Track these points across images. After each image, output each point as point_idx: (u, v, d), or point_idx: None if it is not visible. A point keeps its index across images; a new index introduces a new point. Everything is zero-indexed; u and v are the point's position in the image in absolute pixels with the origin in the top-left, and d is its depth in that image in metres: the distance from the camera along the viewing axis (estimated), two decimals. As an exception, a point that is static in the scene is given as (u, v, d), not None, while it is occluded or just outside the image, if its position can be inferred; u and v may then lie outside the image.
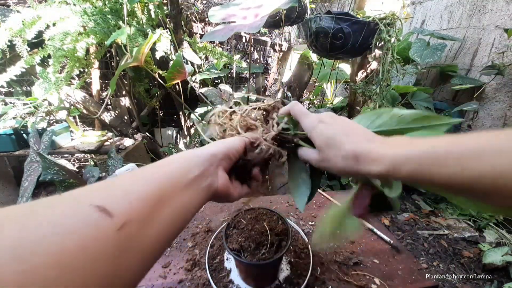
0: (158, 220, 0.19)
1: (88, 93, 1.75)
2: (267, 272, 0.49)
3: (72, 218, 0.15)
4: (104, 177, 0.82)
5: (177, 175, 0.22)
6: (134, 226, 0.17)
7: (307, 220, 0.71)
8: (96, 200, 0.16)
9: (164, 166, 0.23)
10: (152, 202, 0.19)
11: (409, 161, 0.21)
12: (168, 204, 0.20)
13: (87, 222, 0.15)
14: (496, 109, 1.47)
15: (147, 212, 0.18)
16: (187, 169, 0.23)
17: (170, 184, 0.21)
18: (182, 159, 0.25)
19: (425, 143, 0.22)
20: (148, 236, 0.18)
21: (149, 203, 0.19)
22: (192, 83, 1.56)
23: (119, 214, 0.16)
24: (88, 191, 0.18)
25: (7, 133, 1.38)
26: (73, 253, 0.14)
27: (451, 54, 1.72)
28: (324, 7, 2.80)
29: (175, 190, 0.21)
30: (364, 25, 1.05)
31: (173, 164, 0.24)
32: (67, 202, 0.16)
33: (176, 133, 2.18)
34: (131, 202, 0.18)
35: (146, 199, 0.19)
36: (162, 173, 0.22)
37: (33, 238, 0.13)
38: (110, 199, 0.17)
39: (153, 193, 0.19)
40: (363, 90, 1.30)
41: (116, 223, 0.16)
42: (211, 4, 2.19)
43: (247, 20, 1.01)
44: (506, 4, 1.39)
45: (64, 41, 1.19)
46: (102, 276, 0.14)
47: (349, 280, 0.51)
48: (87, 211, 0.16)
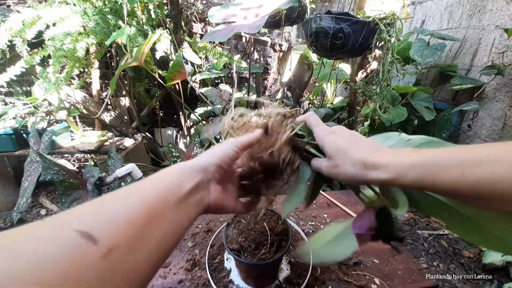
0: (148, 242, 0.18)
1: (88, 93, 1.75)
2: (267, 272, 0.49)
3: (55, 245, 0.14)
4: (104, 177, 0.82)
5: (168, 192, 0.22)
6: (121, 252, 0.16)
7: (307, 220, 0.71)
8: (81, 225, 0.16)
9: (154, 182, 0.22)
10: (141, 225, 0.18)
11: (415, 168, 0.23)
12: (159, 224, 0.19)
13: (70, 249, 0.15)
14: (496, 109, 1.47)
15: (135, 236, 0.17)
16: (177, 185, 0.23)
17: (159, 203, 0.20)
18: (172, 173, 0.24)
19: (429, 152, 0.23)
20: (137, 260, 0.17)
21: (137, 226, 0.18)
22: (192, 83, 1.56)
23: (105, 239, 0.16)
24: (74, 214, 0.17)
25: (7, 133, 1.38)
26: (54, 283, 0.13)
27: (451, 54, 1.72)
28: (324, 7, 2.80)
29: (166, 209, 0.21)
30: (364, 25, 1.05)
31: (163, 179, 0.23)
32: (51, 227, 0.16)
33: (176, 133, 2.18)
34: (118, 225, 0.17)
35: (134, 222, 0.18)
36: (152, 190, 0.21)
37: (17, 268, 0.13)
38: (95, 223, 0.16)
39: (142, 215, 0.19)
40: (363, 90, 1.30)
41: (102, 249, 0.15)
42: (211, 4, 2.19)
43: (247, 20, 1.01)
44: (506, 4, 1.39)
45: (64, 41, 1.19)
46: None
47: (349, 280, 0.51)
48: (71, 237, 0.15)
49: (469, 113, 1.60)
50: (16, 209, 1.04)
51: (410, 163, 0.23)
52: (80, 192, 0.91)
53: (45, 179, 0.84)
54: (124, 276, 0.16)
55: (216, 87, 1.92)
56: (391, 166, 0.24)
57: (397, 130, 1.49)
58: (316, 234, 0.37)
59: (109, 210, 0.18)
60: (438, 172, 0.21)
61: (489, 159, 0.20)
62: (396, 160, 0.24)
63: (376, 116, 1.27)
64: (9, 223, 1.46)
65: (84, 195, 0.91)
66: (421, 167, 0.22)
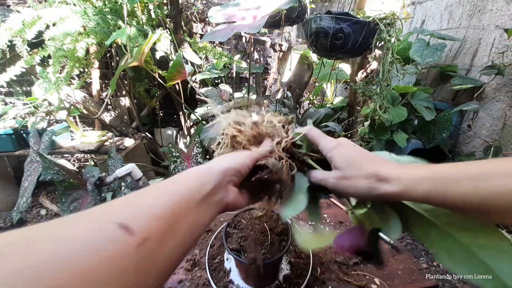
0: (173, 238, 0.20)
1: (88, 93, 1.75)
2: (267, 272, 0.49)
3: (98, 235, 0.16)
4: (104, 177, 0.82)
5: (192, 191, 0.23)
6: (152, 243, 0.18)
7: (307, 220, 0.71)
8: (118, 218, 0.17)
9: (179, 182, 0.24)
10: (168, 220, 0.20)
11: (425, 181, 0.23)
12: (183, 221, 0.21)
13: (111, 239, 0.16)
14: (496, 109, 1.47)
15: (164, 230, 0.19)
16: (200, 185, 0.24)
17: (185, 201, 0.22)
18: (195, 174, 0.26)
19: (439, 166, 0.24)
20: (164, 253, 0.19)
21: (165, 221, 0.19)
22: (192, 83, 1.56)
23: (139, 231, 0.17)
24: (110, 208, 0.19)
25: (7, 133, 1.38)
26: (100, 269, 0.14)
27: (451, 54, 1.72)
28: (324, 7, 2.80)
29: (189, 207, 0.22)
30: (364, 25, 1.05)
31: (187, 180, 0.24)
32: (92, 219, 0.17)
33: (176, 133, 2.18)
34: (149, 220, 0.18)
35: (163, 217, 0.19)
36: (177, 190, 0.23)
37: (66, 254, 0.14)
38: (130, 216, 0.18)
39: (169, 212, 0.20)
40: (363, 90, 1.30)
41: (137, 240, 0.17)
42: (211, 4, 2.19)
43: (247, 20, 1.01)
44: (506, 4, 1.39)
45: (64, 41, 1.19)
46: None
47: (349, 280, 0.51)
48: (111, 228, 0.17)
49: (469, 113, 1.60)
50: (16, 209, 1.04)
51: (421, 176, 0.23)
52: (80, 192, 0.91)
53: (45, 179, 0.84)
54: (155, 267, 0.18)
55: (216, 87, 1.92)
56: (402, 178, 0.24)
57: (397, 130, 1.50)
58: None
59: (142, 206, 0.20)
60: (449, 185, 0.22)
61: (500, 172, 0.20)
62: (407, 173, 0.24)
63: (376, 116, 1.27)
64: (9, 223, 1.46)
65: (84, 195, 0.91)
66: (432, 180, 0.23)
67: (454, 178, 0.22)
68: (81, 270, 0.14)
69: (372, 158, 0.28)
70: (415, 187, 0.23)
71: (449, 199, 0.22)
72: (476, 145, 1.59)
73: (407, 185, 0.24)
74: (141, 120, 1.94)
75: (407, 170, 0.25)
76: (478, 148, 1.58)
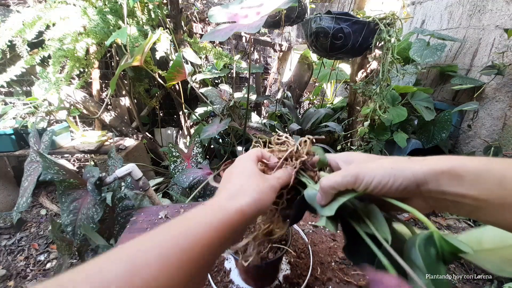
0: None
1: (88, 93, 1.75)
2: (267, 272, 0.49)
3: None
4: (104, 177, 0.82)
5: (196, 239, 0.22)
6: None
7: (307, 220, 0.71)
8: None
9: (184, 226, 0.22)
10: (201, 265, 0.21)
11: (444, 175, 0.22)
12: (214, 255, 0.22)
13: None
14: (496, 109, 1.47)
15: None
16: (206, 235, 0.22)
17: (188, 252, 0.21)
18: (204, 217, 0.23)
19: (458, 158, 0.23)
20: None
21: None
22: (192, 83, 1.56)
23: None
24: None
25: (7, 133, 1.38)
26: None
27: (451, 54, 1.72)
28: (324, 7, 2.80)
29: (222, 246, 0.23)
30: (364, 25, 1.05)
31: (194, 219, 0.22)
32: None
33: (176, 133, 2.18)
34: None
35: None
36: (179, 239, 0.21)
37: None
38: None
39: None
40: (363, 90, 1.30)
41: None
42: (211, 4, 2.19)
43: (247, 20, 1.01)
44: (506, 4, 1.39)
45: (64, 41, 1.19)
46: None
47: (349, 280, 0.51)
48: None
49: (469, 113, 1.60)
50: (16, 209, 1.04)
51: (441, 170, 0.22)
52: (80, 192, 0.91)
53: (45, 179, 0.83)
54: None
55: (216, 87, 1.92)
56: (420, 170, 0.23)
57: (397, 130, 1.50)
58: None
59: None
60: (473, 181, 0.21)
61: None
62: (428, 163, 0.23)
63: (376, 116, 1.27)
64: (9, 223, 1.46)
65: (84, 195, 0.91)
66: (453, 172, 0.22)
67: (483, 172, 0.21)
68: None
69: (384, 156, 0.29)
70: (437, 180, 0.23)
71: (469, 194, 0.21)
72: (476, 145, 1.59)
73: (425, 178, 0.23)
74: (141, 120, 1.94)
75: (427, 162, 0.24)
76: (478, 148, 1.58)
